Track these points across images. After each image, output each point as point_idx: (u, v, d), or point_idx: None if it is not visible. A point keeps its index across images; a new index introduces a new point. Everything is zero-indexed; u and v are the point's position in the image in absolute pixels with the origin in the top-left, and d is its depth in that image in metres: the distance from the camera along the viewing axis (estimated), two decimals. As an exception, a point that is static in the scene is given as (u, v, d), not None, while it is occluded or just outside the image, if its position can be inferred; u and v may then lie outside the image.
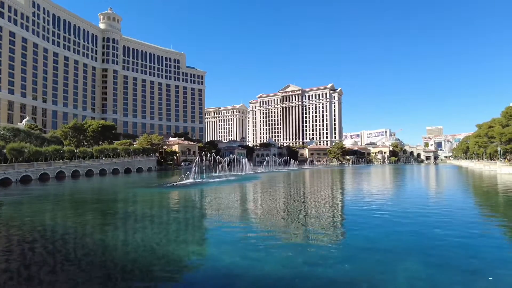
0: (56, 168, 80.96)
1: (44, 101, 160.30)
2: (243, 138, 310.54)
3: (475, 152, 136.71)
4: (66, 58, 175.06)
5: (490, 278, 12.03)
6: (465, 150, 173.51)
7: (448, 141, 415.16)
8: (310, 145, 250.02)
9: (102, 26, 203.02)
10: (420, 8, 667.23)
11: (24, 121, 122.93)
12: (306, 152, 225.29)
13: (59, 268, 14.06)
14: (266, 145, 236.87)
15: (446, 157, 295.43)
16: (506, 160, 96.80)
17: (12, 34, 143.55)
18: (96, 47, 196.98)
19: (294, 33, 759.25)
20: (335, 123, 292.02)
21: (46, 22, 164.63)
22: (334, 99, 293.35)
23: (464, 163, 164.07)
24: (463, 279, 12.16)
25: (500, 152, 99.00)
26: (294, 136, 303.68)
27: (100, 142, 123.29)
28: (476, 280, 12.06)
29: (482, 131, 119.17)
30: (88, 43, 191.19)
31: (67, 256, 15.67)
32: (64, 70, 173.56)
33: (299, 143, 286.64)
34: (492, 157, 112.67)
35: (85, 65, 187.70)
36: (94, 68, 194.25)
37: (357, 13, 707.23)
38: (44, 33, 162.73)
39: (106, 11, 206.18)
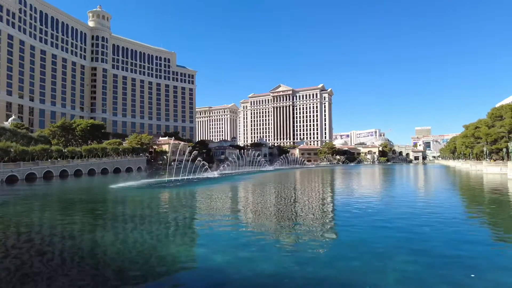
0: (43, 167, 79.59)
1: (31, 99, 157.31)
2: (234, 138, 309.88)
3: (462, 152, 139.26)
4: (54, 56, 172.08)
5: (472, 275, 12.37)
6: (452, 150, 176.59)
7: (436, 141, 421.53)
8: (301, 145, 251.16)
9: (91, 24, 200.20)
10: (409, 10, 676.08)
11: (10, 120, 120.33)
12: (296, 152, 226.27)
13: (48, 269, 13.89)
14: (257, 145, 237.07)
15: (434, 157, 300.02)
16: (491, 160, 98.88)
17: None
18: (85, 45, 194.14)
19: (285, 34, 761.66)
20: (325, 123, 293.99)
21: (33, 19, 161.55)
22: (325, 99, 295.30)
23: (451, 163, 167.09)
24: (449, 276, 12.45)
25: (486, 152, 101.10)
26: (284, 136, 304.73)
27: (89, 142, 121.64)
28: (461, 278, 12.36)
29: (469, 131, 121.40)
30: (76, 41, 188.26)
31: (55, 257, 15.48)
32: (52, 68, 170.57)
33: (289, 143, 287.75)
34: (479, 157, 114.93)
35: (73, 63, 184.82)
36: (83, 67, 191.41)
37: (348, 14, 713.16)
38: (31, 30, 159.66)
39: (95, 9, 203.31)
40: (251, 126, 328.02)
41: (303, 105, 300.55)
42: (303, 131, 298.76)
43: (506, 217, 26.01)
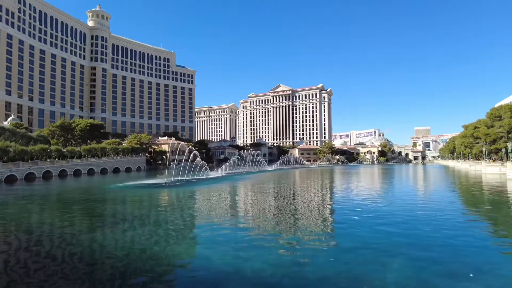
0: (42, 167, 79.48)
1: (31, 99, 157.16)
2: (233, 138, 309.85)
3: (461, 152, 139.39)
4: (53, 56, 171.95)
5: (471, 275, 12.40)
6: (451, 150, 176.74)
7: (436, 141, 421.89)
8: (300, 145, 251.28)
9: (90, 23, 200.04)
10: (408, 10, 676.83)
11: (9, 119, 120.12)
12: (296, 151, 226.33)
13: (46, 270, 13.89)
14: (256, 145, 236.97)
15: (433, 157, 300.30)
16: (490, 160, 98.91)
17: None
18: (85, 45, 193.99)
19: (284, 34, 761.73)
20: (324, 123, 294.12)
21: (33, 19, 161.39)
22: (324, 99, 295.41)
23: (450, 163, 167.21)
24: (447, 276, 12.47)
25: (485, 152, 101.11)
26: (284, 136, 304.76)
27: (89, 142, 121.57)
28: (458, 277, 12.39)
29: (468, 131, 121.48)
30: (76, 40, 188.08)
31: (54, 258, 15.48)
32: (51, 68, 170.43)
33: (289, 143, 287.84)
34: (478, 157, 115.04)
35: (73, 63, 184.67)
36: (82, 66, 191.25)
37: (347, 15, 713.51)
38: (31, 30, 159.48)
39: (94, 9, 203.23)
40: (251, 126, 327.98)
41: (302, 105, 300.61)
42: (303, 131, 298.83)
43: (506, 217, 26.04)
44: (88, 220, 25.18)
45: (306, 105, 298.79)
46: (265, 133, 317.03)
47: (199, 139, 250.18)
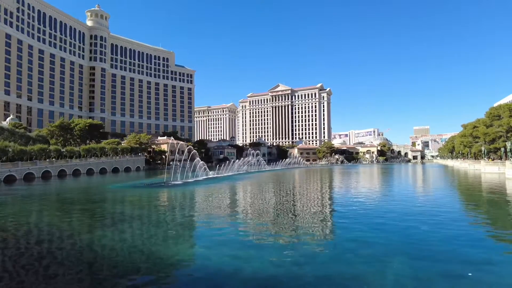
0: (41, 167, 79.37)
1: (29, 99, 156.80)
2: (233, 138, 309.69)
3: (460, 152, 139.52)
4: (52, 56, 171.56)
5: (470, 274, 12.43)
6: (451, 150, 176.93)
7: (435, 140, 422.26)
8: (300, 145, 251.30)
9: (89, 23, 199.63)
10: (408, 10, 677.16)
11: (8, 119, 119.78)
12: (295, 151, 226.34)
13: (45, 268, 13.88)
14: (255, 145, 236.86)
15: (432, 156, 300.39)
16: (489, 159, 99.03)
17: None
18: (83, 44, 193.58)
19: (284, 34, 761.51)
20: (324, 123, 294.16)
21: (31, 19, 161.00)
22: (323, 99, 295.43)
23: (450, 162, 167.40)
24: (446, 275, 12.50)
25: (484, 151, 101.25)
26: (283, 136, 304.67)
27: (88, 141, 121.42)
28: (456, 276, 12.43)
29: (467, 131, 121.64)
30: (75, 40, 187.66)
31: (53, 256, 15.47)
32: (50, 68, 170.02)
33: (288, 142, 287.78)
34: (477, 156, 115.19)
35: (72, 62, 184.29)
36: (81, 66, 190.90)
37: (346, 14, 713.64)
38: (29, 29, 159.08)
39: (93, 8, 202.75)
40: (250, 126, 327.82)
41: (302, 105, 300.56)
42: (302, 130, 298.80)
43: (504, 216, 26.09)
44: (87, 220, 25.17)
45: (305, 104, 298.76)
46: (265, 132, 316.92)
47: (198, 139, 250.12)
